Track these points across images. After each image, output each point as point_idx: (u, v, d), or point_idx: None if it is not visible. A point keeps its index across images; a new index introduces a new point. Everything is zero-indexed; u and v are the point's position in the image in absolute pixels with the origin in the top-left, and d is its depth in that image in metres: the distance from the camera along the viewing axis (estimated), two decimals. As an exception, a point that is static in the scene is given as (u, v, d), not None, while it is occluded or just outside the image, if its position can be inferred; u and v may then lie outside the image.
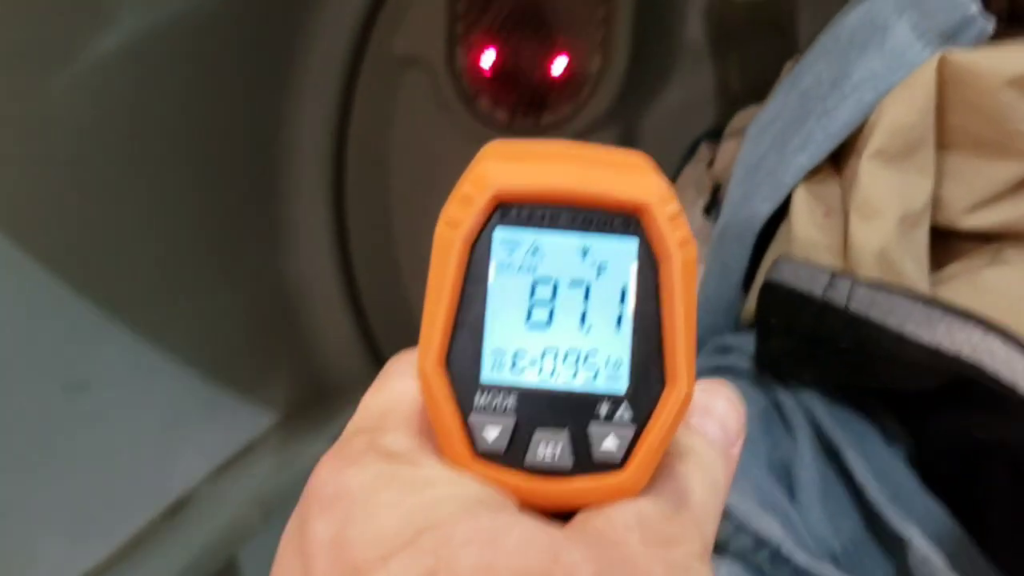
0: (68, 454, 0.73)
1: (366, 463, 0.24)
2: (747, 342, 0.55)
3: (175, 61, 0.81)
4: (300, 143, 1.02)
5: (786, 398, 0.52)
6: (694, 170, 0.76)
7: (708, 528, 0.26)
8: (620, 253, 0.25)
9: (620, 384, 0.25)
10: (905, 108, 0.49)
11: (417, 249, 1.10)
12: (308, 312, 1.05)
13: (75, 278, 0.72)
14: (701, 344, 0.59)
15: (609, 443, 0.25)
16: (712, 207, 0.69)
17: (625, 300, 0.25)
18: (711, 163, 0.76)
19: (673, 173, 0.83)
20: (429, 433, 0.25)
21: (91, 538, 0.74)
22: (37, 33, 0.67)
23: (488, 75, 1.06)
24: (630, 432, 0.25)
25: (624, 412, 0.25)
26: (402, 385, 0.27)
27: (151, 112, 0.80)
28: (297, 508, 0.25)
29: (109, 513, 0.76)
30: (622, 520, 0.24)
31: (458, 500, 0.23)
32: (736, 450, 0.29)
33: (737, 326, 0.59)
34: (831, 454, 0.50)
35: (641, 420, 0.25)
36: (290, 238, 1.03)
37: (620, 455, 0.25)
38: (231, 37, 0.88)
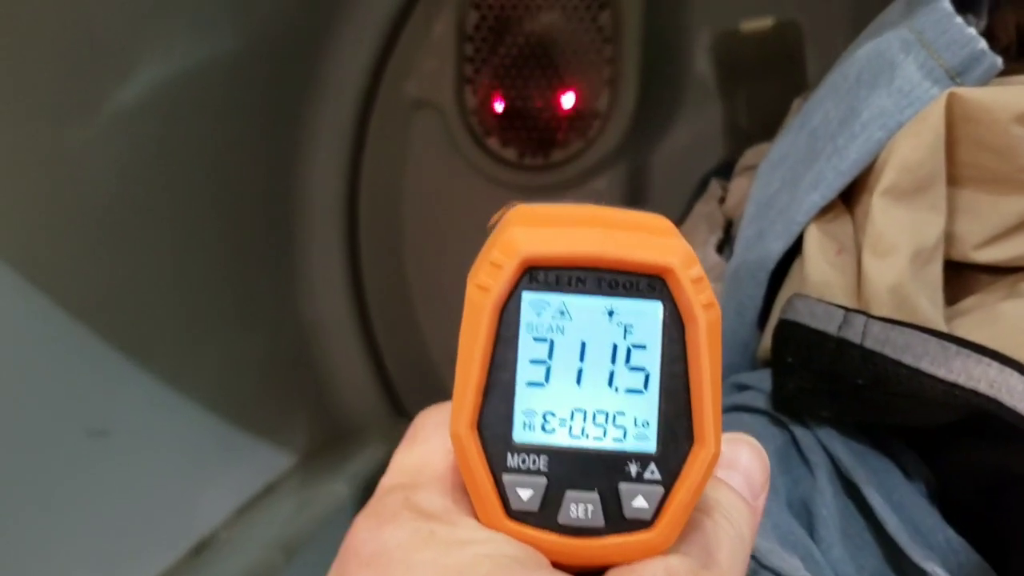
0: (92, 497, 0.73)
1: (402, 521, 0.25)
2: (763, 380, 0.55)
3: (192, 113, 0.82)
4: (314, 187, 1.04)
5: (804, 435, 0.52)
6: (705, 206, 0.77)
7: None
8: (646, 315, 0.25)
9: (649, 444, 0.25)
10: (915, 146, 0.49)
11: (431, 289, 1.10)
12: (324, 354, 1.06)
13: (98, 324, 0.73)
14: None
15: (639, 502, 0.25)
16: (725, 244, 0.70)
17: (652, 361, 0.25)
18: (722, 200, 0.76)
19: (683, 209, 0.84)
20: (462, 490, 0.26)
21: (115, 581, 0.75)
22: (57, 87, 0.68)
23: (498, 115, 1.07)
24: (659, 491, 0.25)
25: (653, 471, 0.25)
26: (433, 442, 0.28)
27: (171, 163, 0.81)
28: (335, 565, 0.25)
29: (133, 556, 0.76)
30: None
31: (493, 559, 0.24)
32: (761, 502, 0.29)
33: (753, 364, 0.60)
34: (851, 490, 0.50)
35: (670, 479, 0.25)
36: (306, 281, 1.04)
37: (650, 514, 0.25)
38: (245, 87, 0.89)
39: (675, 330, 0.25)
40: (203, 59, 0.82)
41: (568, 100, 1.06)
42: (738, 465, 0.29)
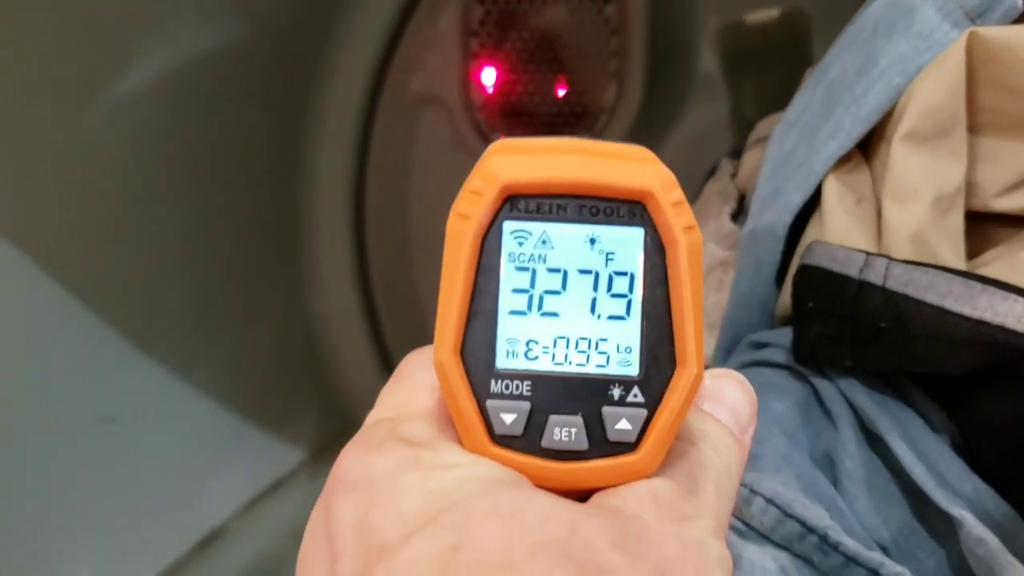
0: (101, 487, 0.73)
1: (388, 450, 0.25)
2: (783, 336, 0.55)
3: (198, 105, 0.82)
4: (321, 182, 1.03)
5: (826, 387, 0.51)
6: (716, 184, 0.76)
7: (722, 509, 0.26)
8: (627, 241, 0.25)
9: (631, 368, 0.25)
10: (935, 89, 0.49)
11: (438, 283, 1.10)
12: (333, 347, 1.05)
13: (108, 313, 0.72)
14: (736, 341, 0.59)
15: (623, 425, 0.25)
16: (740, 214, 0.69)
17: (633, 286, 0.25)
18: (734, 176, 0.76)
19: (694, 196, 0.83)
20: (447, 422, 0.26)
21: (124, 572, 0.74)
22: (63, 74, 0.68)
23: (504, 110, 1.07)
24: (643, 414, 0.25)
25: (636, 395, 0.25)
26: (419, 377, 0.28)
27: (178, 153, 0.81)
28: (322, 494, 0.26)
29: (142, 546, 0.76)
30: (636, 498, 0.25)
31: (477, 480, 0.24)
32: (748, 436, 0.30)
33: (771, 323, 0.59)
34: (874, 443, 0.50)
35: (653, 402, 0.25)
36: (313, 274, 1.03)
37: (633, 437, 0.25)
38: (251, 79, 0.89)
39: (656, 255, 0.25)
40: (208, 49, 0.82)
41: (574, 94, 1.06)
42: (724, 399, 0.30)
